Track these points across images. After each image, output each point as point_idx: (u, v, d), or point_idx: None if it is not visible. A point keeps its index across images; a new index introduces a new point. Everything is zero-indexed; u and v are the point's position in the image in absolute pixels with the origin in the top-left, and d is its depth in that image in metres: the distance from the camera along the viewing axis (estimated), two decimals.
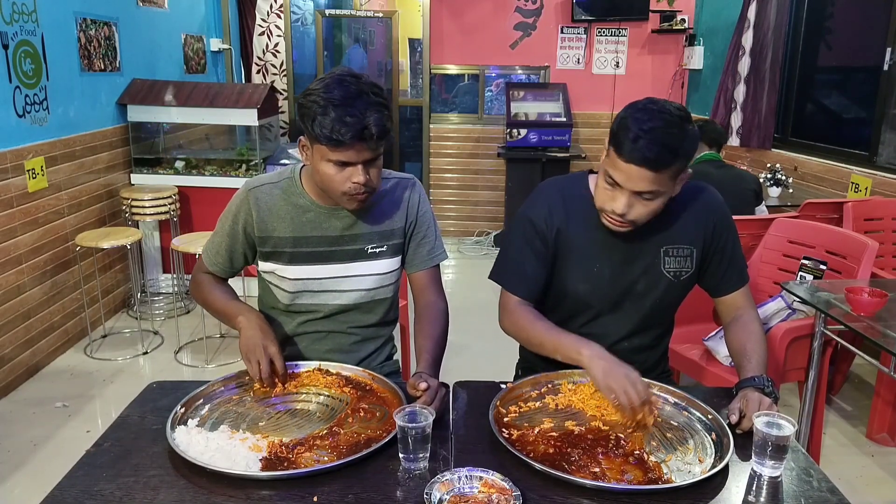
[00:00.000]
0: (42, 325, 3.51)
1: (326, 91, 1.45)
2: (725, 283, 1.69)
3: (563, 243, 1.64)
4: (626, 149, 1.42)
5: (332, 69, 1.54)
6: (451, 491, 1.16)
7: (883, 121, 3.90)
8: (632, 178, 1.44)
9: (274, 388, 1.51)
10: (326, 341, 1.73)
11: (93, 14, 3.88)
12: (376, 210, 1.67)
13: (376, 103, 1.46)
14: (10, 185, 3.22)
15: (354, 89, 1.45)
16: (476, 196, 6.25)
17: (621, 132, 1.43)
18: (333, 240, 1.64)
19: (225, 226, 1.68)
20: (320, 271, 1.66)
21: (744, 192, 3.32)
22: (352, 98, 1.43)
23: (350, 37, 7.37)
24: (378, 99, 1.46)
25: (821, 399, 2.59)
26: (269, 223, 1.64)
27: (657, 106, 1.45)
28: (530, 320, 1.63)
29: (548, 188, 1.70)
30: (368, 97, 1.45)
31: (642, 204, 1.48)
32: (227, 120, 4.40)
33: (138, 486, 1.20)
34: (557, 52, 6.00)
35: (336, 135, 1.42)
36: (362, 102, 1.44)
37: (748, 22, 4.83)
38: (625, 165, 1.43)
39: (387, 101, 1.49)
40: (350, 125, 1.42)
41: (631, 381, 1.39)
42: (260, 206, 1.64)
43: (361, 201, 1.55)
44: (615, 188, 1.48)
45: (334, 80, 1.46)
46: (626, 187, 1.45)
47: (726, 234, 1.66)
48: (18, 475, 2.64)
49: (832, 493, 1.21)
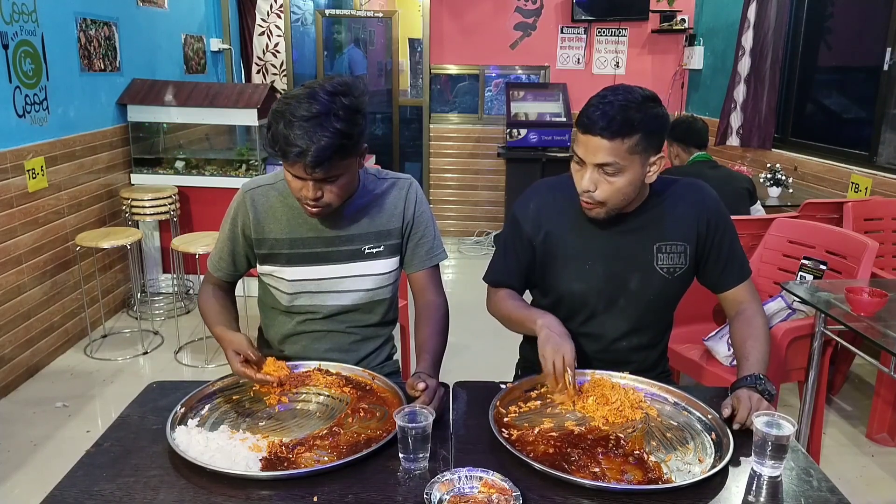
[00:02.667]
0: (42, 325, 3.51)
1: (290, 103, 1.42)
2: (726, 279, 1.68)
3: (553, 243, 1.66)
4: (583, 121, 1.47)
5: (330, 76, 1.52)
6: (451, 491, 1.16)
7: (883, 121, 3.89)
8: (590, 150, 1.48)
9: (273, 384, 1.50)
10: (326, 340, 1.73)
11: (93, 14, 3.88)
12: (373, 210, 1.67)
13: (334, 130, 1.39)
14: (10, 185, 3.22)
15: (318, 109, 1.39)
16: (476, 196, 6.25)
17: (585, 108, 1.49)
18: (329, 240, 1.64)
19: (225, 229, 1.69)
20: (318, 272, 1.66)
21: (738, 191, 3.32)
22: (307, 118, 1.39)
23: (350, 37, 7.37)
24: (337, 126, 1.40)
25: (821, 399, 2.59)
26: (265, 225, 1.64)
27: (622, 87, 1.50)
28: (503, 299, 1.71)
29: (539, 188, 1.73)
30: (328, 120, 1.39)
31: (606, 181, 1.50)
32: (227, 120, 4.40)
33: (138, 486, 1.20)
34: (557, 52, 6.00)
35: (276, 150, 1.42)
36: (315, 125, 1.39)
37: (748, 22, 4.83)
38: (583, 137, 1.48)
39: (351, 128, 1.42)
40: (290, 144, 1.39)
41: (560, 352, 1.46)
42: (256, 207, 1.64)
43: (316, 214, 1.54)
44: (581, 166, 1.52)
45: (305, 95, 1.42)
46: (588, 161, 1.49)
47: (722, 228, 1.65)
48: (18, 475, 2.64)
49: (832, 493, 1.21)
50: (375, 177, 1.71)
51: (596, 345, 1.69)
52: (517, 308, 1.67)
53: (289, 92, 1.47)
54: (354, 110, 1.45)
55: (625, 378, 1.56)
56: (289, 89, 5.97)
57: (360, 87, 1.51)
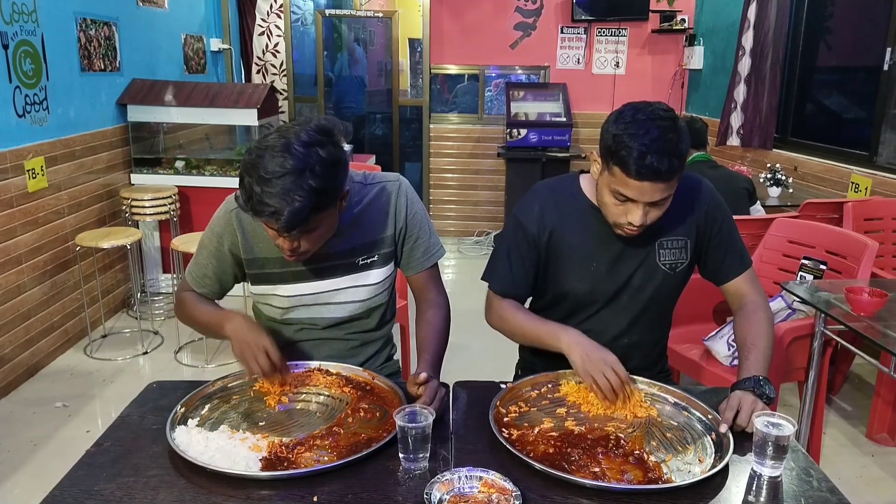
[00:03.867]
0: (42, 325, 3.51)
1: (263, 156, 1.31)
2: (726, 270, 1.68)
3: (557, 244, 1.65)
4: (633, 168, 1.40)
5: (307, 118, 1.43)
6: (451, 491, 1.16)
7: (883, 121, 3.89)
8: (646, 193, 1.43)
9: (277, 382, 1.49)
10: (324, 348, 1.71)
11: (93, 14, 3.88)
12: (363, 221, 1.62)
13: (308, 189, 1.29)
14: (10, 185, 3.22)
15: (292, 165, 1.29)
16: (476, 196, 6.25)
17: (622, 150, 1.41)
18: (322, 256, 1.58)
19: (210, 246, 1.62)
20: (312, 287, 1.62)
21: (738, 191, 3.32)
22: (280, 175, 1.28)
23: (350, 37, 7.37)
24: (312, 184, 1.29)
25: (821, 399, 2.59)
26: (254, 244, 1.59)
27: (645, 114, 1.43)
28: (512, 312, 1.67)
29: (540, 190, 1.71)
30: (302, 178, 1.29)
31: (658, 209, 1.49)
32: (227, 120, 4.41)
33: (138, 486, 1.20)
34: (557, 52, 6.00)
35: (249, 208, 1.34)
36: (290, 184, 1.28)
37: (748, 22, 4.83)
38: (636, 183, 1.42)
39: (327, 184, 1.33)
40: (263, 205, 1.30)
41: (608, 364, 1.43)
42: (244, 227, 1.58)
43: (295, 260, 1.49)
44: (627, 203, 1.47)
45: (280, 147, 1.31)
46: (642, 201, 1.46)
47: (720, 219, 1.66)
48: (18, 475, 2.64)
49: (832, 493, 1.21)
50: (362, 184, 1.63)
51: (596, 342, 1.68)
52: (530, 322, 1.64)
53: (262, 140, 1.35)
54: (332, 163, 1.35)
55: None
56: (289, 89, 5.99)
57: (340, 129, 1.42)
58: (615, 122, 1.45)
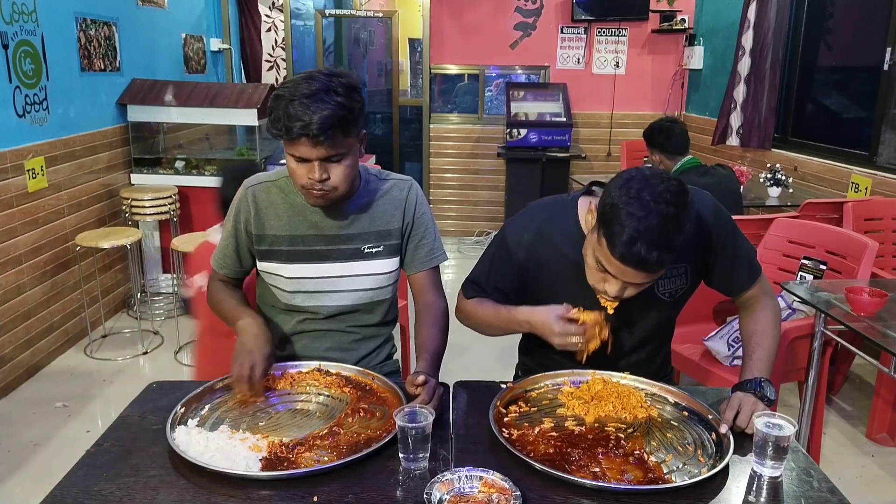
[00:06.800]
0: (42, 325, 3.51)
1: (288, 86, 1.45)
2: (737, 282, 1.64)
3: (546, 276, 1.59)
4: (618, 250, 1.29)
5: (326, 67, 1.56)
6: (451, 491, 1.16)
7: (883, 121, 3.89)
8: (627, 276, 1.35)
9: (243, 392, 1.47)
10: (325, 339, 1.73)
11: (93, 14, 3.88)
12: (373, 210, 1.67)
13: (335, 103, 1.43)
14: (10, 185, 3.22)
15: (317, 87, 1.43)
16: (476, 196, 6.26)
17: (615, 226, 1.29)
18: (330, 238, 1.64)
19: (229, 226, 1.69)
20: (317, 270, 1.66)
21: (734, 194, 3.30)
22: (306, 95, 1.42)
23: (350, 37, 7.37)
24: (337, 99, 1.43)
25: (821, 399, 2.59)
26: (265, 221, 1.64)
27: (652, 194, 1.29)
28: (475, 306, 1.67)
29: (535, 215, 1.63)
30: (328, 95, 1.43)
31: (638, 289, 1.41)
32: (227, 120, 4.40)
33: (138, 486, 1.20)
34: (557, 52, 6.00)
35: (280, 128, 1.43)
36: (316, 100, 1.42)
37: (748, 22, 4.83)
38: (619, 265, 1.32)
39: (351, 103, 1.46)
40: (293, 119, 1.41)
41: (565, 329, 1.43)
42: (258, 203, 1.64)
43: (319, 198, 1.53)
44: (607, 273, 1.38)
45: (303, 77, 1.46)
46: (621, 279, 1.37)
47: (723, 235, 1.59)
48: (18, 475, 2.64)
49: (832, 494, 1.21)
50: (377, 177, 1.71)
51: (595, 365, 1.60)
52: (497, 311, 1.60)
53: (286, 79, 1.48)
54: (352, 87, 1.48)
55: (625, 378, 1.55)
56: None
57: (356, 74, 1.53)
58: (619, 189, 1.31)
